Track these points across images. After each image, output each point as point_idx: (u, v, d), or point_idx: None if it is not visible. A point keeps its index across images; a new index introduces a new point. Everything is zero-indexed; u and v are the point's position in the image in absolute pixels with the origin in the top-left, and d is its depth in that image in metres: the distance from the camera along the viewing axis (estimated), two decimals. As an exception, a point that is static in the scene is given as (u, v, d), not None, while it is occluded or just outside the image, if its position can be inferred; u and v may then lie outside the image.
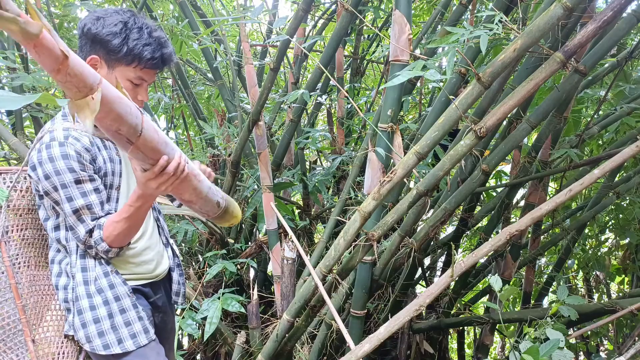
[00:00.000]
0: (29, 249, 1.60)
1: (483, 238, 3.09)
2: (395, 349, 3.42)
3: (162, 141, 1.13)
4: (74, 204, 1.43)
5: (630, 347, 2.08)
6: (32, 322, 1.57)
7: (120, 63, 1.42)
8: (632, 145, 1.62)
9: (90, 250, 1.50)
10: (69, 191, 1.42)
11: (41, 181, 1.42)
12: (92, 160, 1.46)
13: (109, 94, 0.92)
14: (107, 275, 1.53)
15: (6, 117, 3.76)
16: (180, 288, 1.81)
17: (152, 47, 1.44)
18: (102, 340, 1.51)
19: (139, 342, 1.55)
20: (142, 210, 1.42)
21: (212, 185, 1.39)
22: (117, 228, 1.44)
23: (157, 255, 1.68)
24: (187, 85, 4.12)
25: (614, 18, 1.57)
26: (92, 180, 1.46)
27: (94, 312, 1.52)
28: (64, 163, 1.40)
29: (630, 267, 3.94)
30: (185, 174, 1.22)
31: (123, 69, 1.43)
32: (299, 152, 3.61)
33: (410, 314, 1.60)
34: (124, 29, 1.40)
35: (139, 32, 1.42)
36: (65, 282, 1.56)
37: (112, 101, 0.93)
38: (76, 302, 1.52)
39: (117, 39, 1.39)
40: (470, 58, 2.29)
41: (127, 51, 1.40)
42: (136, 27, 1.42)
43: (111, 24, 1.40)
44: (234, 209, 1.51)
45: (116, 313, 1.53)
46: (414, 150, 1.73)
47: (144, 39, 1.42)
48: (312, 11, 3.92)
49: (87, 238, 1.47)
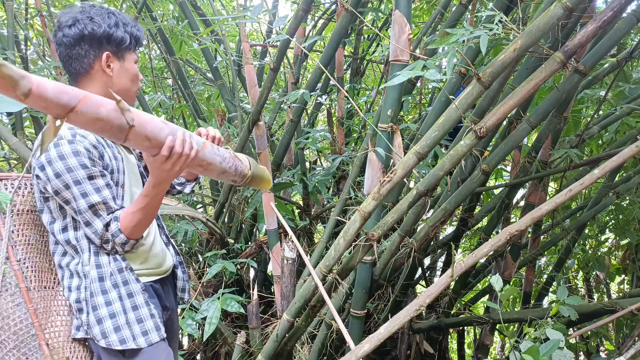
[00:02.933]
0: (34, 253, 1.59)
1: (483, 238, 3.09)
2: (395, 349, 3.42)
3: (157, 127, 1.17)
4: (89, 200, 1.43)
5: (630, 347, 2.08)
6: (44, 327, 1.55)
7: (126, 51, 1.52)
8: (632, 145, 1.62)
9: (106, 245, 1.50)
10: (82, 187, 1.42)
11: (51, 180, 1.41)
12: (100, 156, 1.47)
13: (88, 114, 0.98)
14: (121, 271, 1.54)
15: (6, 117, 3.76)
16: (185, 284, 1.83)
17: (137, 27, 1.55)
18: (119, 335, 1.52)
19: (151, 340, 1.55)
20: (157, 199, 1.45)
21: (227, 154, 1.38)
22: (135, 219, 1.45)
23: (162, 252, 1.70)
24: (187, 85, 4.12)
25: (614, 18, 1.57)
26: (103, 175, 1.47)
27: (109, 308, 1.52)
28: (76, 160, 1.41)
29: (630, 267, 3.94)
30: (195, 151, 1.26)
31: (129, 55, 1.54)
32: (299, 152, 3.61)
33: (410, 314, 1.60)
34: (116, 19, 1.50)
35: (124, 18, 1.53)
36: (77, 282, 1.55)
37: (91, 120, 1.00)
38: (91, 299, 1.52)
39: (119, 30, 1.48)
40: (470, 58, 2.29)
41: (129, 37, 1.51)
42: (118, 14, 1.53)
43: (105, 18, 1.48)
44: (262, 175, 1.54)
45: (129, 310, 1.54)
46: (414, 150, 1.73)
47: (130, 22, 1.53)
48: (312, 11, 3.92)
49: (104, 232, 1.47)
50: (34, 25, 4.47)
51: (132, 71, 1.55)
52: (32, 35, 4.43)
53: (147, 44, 4.43)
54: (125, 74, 1.53)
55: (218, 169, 1.35)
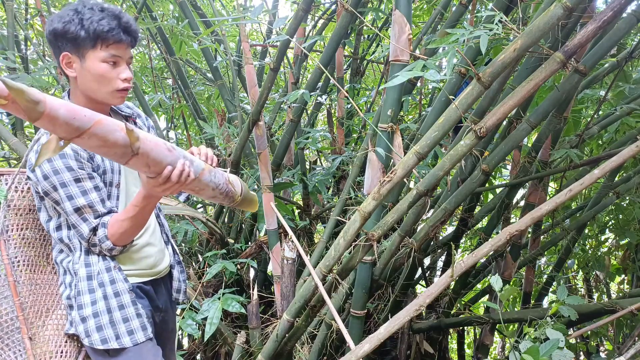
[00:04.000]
0: (29, 249, 1.61)
1: (483, 238, 3.09)
2: (395, 349, 3.42)
3: (162, 153, 1.16)
4: (75, 203, 1.44)
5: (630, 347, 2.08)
6: (31, 321, 1.57)
7: (86, 49, 1.39)
8: (632, 145, 1.62)
9: (94, 248, 1.51)
10: (68, 190, 1.42)
11: (40, 182, 1.42)
12: (89, 158, 1.47)
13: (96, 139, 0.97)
14: (109, 270, 1.54)
15: (6, 117, 3.76)
16: (181, 285, 1.81)
17: (107, 20, 1.39)
18: (100, 334, 1.52)
19: (136, 339, 1.54)
20: (146, 210, 1.43)
21: (222, 180, 1.40)
22: (122, 227, 1.45)
23: (158, 253, 1.69)
24: (187, 85, 4.12)
25: (614, 18, 1.57)
26: (91, 178, 1.46)
27: (94, 307, 1.52)
28: (62, 162, 1.41)
29: (630, 267, 3.94)
30: (191, 179, 1.25)
31: (92, 54, 1.39)
32: (299, 152, 3.61)
33: (410, 314, 1.60)
34: (76, 14, 1.38)
35: (91, 11, 1.39)
36: (69, 279, 1.57)
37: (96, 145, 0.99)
38: (77, 297, 1.53)
39: (74, 26, 1.37)
40: (470, 58, 2.29)
41: (86, 33, 1.37)
42: (87, 9, 1.39)
43: (64, 15, 1.39)
44: (251, 199, 1.57)
45: (115, 309, 1.53)
46: (414, 150, 1.73)
47: (97, 15, 1.39)
48: (312, 11, 3.92)
49: (91, 236, 1.48)
50: (34, 25, 4.47)
51: (95, 71, 1.40)
52: (32, 35, 4.43)
53: (147, 44, 4.43)
54: (87, 74, 1.41)
55: (210, 194, 1.39)
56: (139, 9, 3.45)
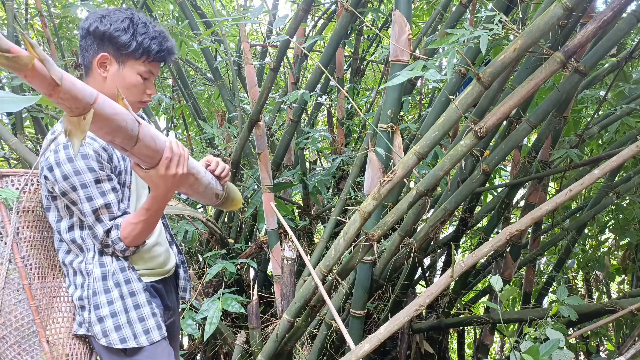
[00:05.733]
0: (38, 250, 1.60)
1: (483, 238, 3.09)
2: (395, 349, 3.42)
3: (156, 132, 1.23)
4: (94, 204, 1.45)
5: (630, 347, 2.08)
6: (45, 324, 1.57)
7: (130, 58, 1.47)
8: (632, 145, 1.62)
9: (107, 249, 1.53)
10: (89, 191, 1.44)
11: (58, 182, 1.42)
12: (109, 159, 1.49)
13: (104, 110, 1.00)
14: (123, 270, 1.55)
15: (6, 117, 3.76)
16: (187, 284, 1.85)
17: (159, 40, 1.49)
18: (119, 334, 1.53)
19: (152, 338, 1.56)
20: (159, 212, 1.47)
21: (211, 179, 1.51)
22: (136, 229, 1.48)
23: (165, 252, 1.72)
24: (187, 85, 4.12)
25: (614, 18, 1.57)
26: (110, 179, 1.49)
27: (111, 307, 1.53)
28: (84, 163, 1.42)
29: (630, 267, 3.94)
30: (187, 152, 1.34)
31: (133, 64, 1.48)
32: (299, 152, 3.61)
33: (410, 314, 1.60)
34: (131, 24, 1.45)
35: (145, 26, 1.47)
36: (81, 280, 1.57)
37: (106, 118, 1.01)
38: (93, 298, 1.53)
39: (126, 35, 1.44)
40: (470, 58, 2.29)
41: (137, 45, 1.45)
42: (141, 22, 1.47)
43: (118, 20, 1.44)
44: (234, 196, 1.66)
45: (131, 308, 1.55)
46: (414, 150, 1.73)
47: (150, 32, 1.48)
48: (312, 11, 3.92)
49: (105, 238, 1.49)
50: (34, 25, 4.47)
51: (130, 80, 1.48)
52: (32, 35, 4.42)
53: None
54: (120, 79, 1.48)
55: (204, 183, 1.48)
56: (139, 9, 3.46)
